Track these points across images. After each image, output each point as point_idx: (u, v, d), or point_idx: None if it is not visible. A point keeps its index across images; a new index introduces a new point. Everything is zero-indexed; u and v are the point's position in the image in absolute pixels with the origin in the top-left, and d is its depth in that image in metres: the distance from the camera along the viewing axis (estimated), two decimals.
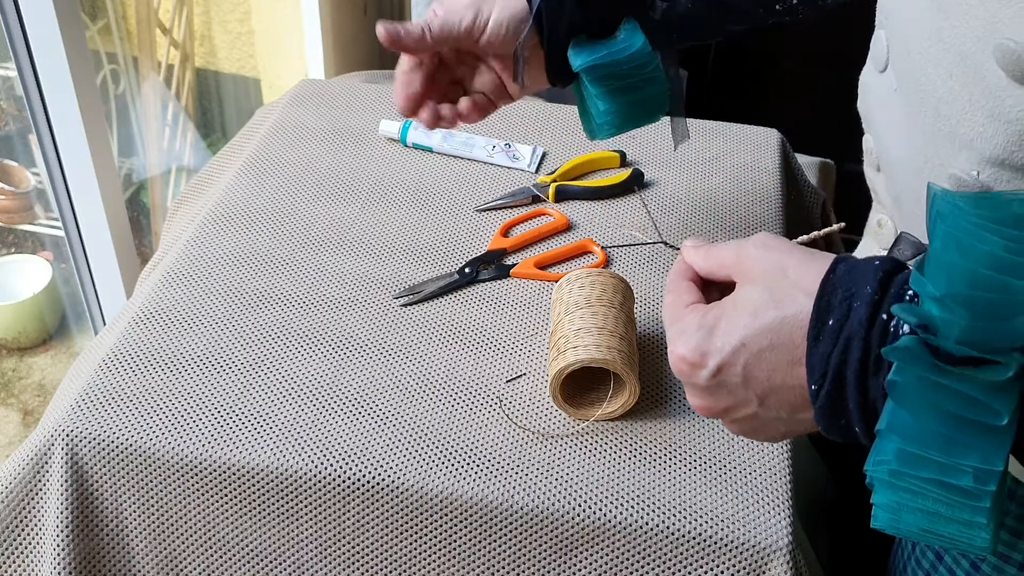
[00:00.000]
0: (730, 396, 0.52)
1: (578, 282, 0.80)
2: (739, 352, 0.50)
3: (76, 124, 1.24)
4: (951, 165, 0.59)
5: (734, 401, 0.52)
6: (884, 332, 0.46)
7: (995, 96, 0.54)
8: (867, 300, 0.46)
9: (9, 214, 1.83)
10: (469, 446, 0.75)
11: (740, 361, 0.50)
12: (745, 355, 0.50)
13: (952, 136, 0.58)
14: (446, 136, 1.06)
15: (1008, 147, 0.55)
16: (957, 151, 0.58)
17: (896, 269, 0.48)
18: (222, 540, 0.76)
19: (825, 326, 0.47)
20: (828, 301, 0.47)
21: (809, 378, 0.48)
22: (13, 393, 1.85)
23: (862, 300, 0.46)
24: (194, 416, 0.77)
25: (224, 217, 0.96)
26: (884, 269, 0.47)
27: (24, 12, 1.16)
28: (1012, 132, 0.54)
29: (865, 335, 0.46)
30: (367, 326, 0.85)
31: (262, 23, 1.97)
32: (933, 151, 0.60)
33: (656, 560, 0.71)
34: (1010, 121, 0.54)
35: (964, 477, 0.44)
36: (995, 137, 0.55)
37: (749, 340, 0.50)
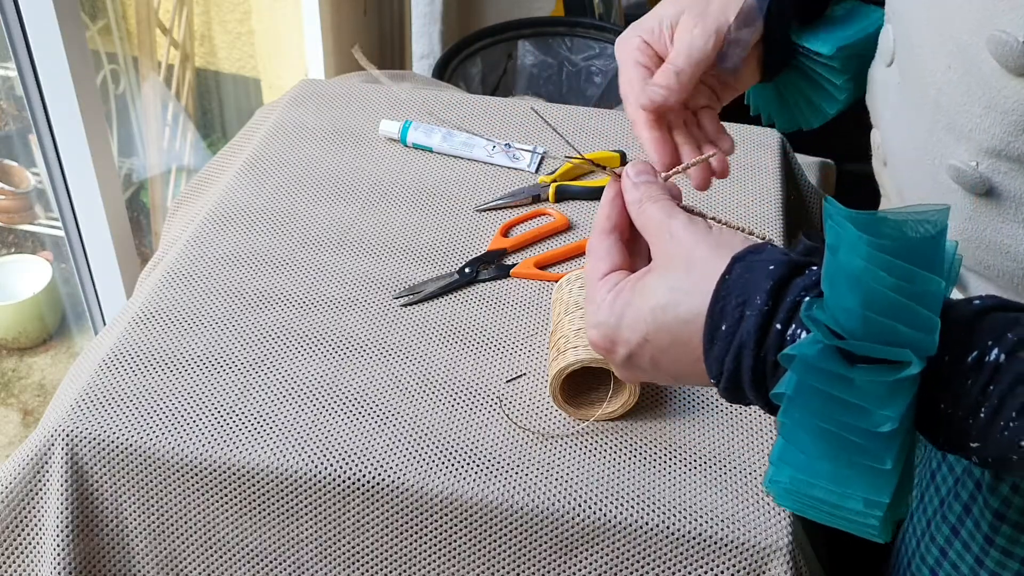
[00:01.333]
0: (643, 373, 0.54)
1: (578, 282, 0.80)
2: (643, 346, 0.51)
3: (76, 124, 1.24)
4: (951, 156, 0.59)
5: (650, 376, 0.54)
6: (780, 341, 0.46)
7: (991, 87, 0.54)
8: (756, 312, 0.47)
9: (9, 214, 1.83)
10: (469, 446, 0.75)
11: (646, 353, 0.52)
12: (650, 349, 0.51)
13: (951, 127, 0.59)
14: (446, 136, 1.06)
15: (1005, 138, 0.55)
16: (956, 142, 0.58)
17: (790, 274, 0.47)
18: (222, 540, 0.76)
19: (718, 331, 0.48)
20: (722, 307, 0.48)
21: (708, 372, 0.49)
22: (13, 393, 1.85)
23: (753, 310, 0.47)
24: (194, 416, 0.77)
25: (224, 217, 0.96)
26: (776, 276, 0.47)
27: (24, 12, 1.16)
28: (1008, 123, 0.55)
29: (756, 346, 0.47)
30: (367, 326, 0.85)
31: (262, 23, 1.97)
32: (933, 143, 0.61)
33: (656, 560, 0.71)
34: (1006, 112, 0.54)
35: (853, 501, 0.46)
36: (992, 128, 0.56)
37: (652, 336, 0.51)
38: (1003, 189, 0.57)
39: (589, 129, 1.11)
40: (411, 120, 1.08)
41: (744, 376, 0.47)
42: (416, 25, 1.97)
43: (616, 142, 1.08)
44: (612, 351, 0.53)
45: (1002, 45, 0.52)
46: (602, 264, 0.56)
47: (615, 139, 1.09)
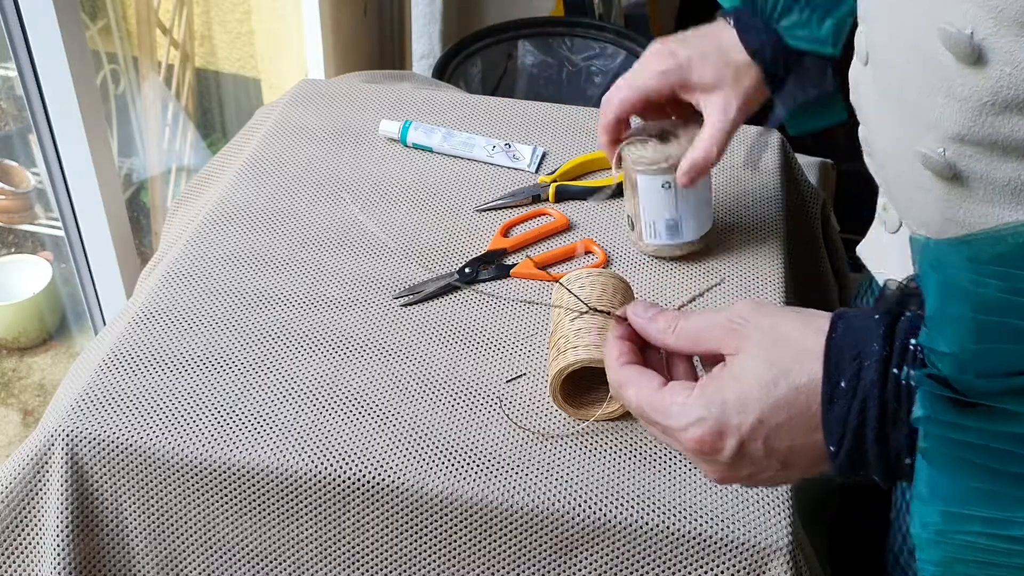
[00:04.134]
0: (752, 465, 0.51)
1: (578, 282, 0.80)
2: (758, 428, 0.49)
3: (76, 124, 1.24)
4: (919, 144, 0.61)
5: (755, 469, 0.52)
6: (898, 387, 0.46)
7: (947, 77, 0.57)
8: (876, 358, 0.46)
9: (9, 214, 1.82)
10: (469, 446, 0.75)
11: (760, 436, 0.50)
12: (764, 430, 0.49)
13: (917, 118, 0.61)
14: (446, 136, 1.06)
15: (966, 123, 0.57)
16: (923, 131, 0.60)
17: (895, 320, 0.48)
18: (222, 540, 0.76)
19: (837, 388, 0.47)
20: (837, 363, 0.47)
21: (827, 440, 0.48)
22: (13, 393, 1.85)
23: (871, 358, 0.46)
24: (194, 416, 0.77)
25: (224, 217, 0.96)
26: (885, 323, 0.47)
27: (24, 12, 1.16)
28: (967, 109, 0.56)
29: (880, 394, 0.46)
30: (367, 326, 0.85)
31: (262, 23, 1.97)
32: (903, 133, 0.63)
33: (656, 560, 0.71)
34: (963, 99, 0.56)
35: (1015, 527, 0.44)
36: (953, 115, 0.57)
37: (766, 415, 0.49)
38: (970, 172, 0.59)
39: (589, 129, 1.11)
40: (411, 120, 1.08)
41: (868, 431, 0.46)
42: (416, 25, 1.97)
43: None
44: (719, 446, 0.51)
45: (952, 38, 0.54)
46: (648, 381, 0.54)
47: None
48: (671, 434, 0.52)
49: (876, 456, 0.47)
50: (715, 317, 0.53)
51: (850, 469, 0.48)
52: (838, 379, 0.47)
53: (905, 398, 0.46)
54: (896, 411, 0.46)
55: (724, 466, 0.52)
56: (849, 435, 0.47)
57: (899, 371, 0.46)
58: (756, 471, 0.52)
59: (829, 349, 0.48)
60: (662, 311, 0.56)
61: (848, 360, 0.47)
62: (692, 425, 0.51)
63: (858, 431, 0.47)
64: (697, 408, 0.51)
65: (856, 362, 0.47)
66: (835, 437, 0.47)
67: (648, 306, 0.56)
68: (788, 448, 0.50)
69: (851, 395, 0.47)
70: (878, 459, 0.47)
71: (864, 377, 0.46)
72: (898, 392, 0.46)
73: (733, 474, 0.52)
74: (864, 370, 0.47)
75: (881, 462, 0.47)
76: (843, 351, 0.47)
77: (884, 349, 0.46)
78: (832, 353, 0.48)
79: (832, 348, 0.48)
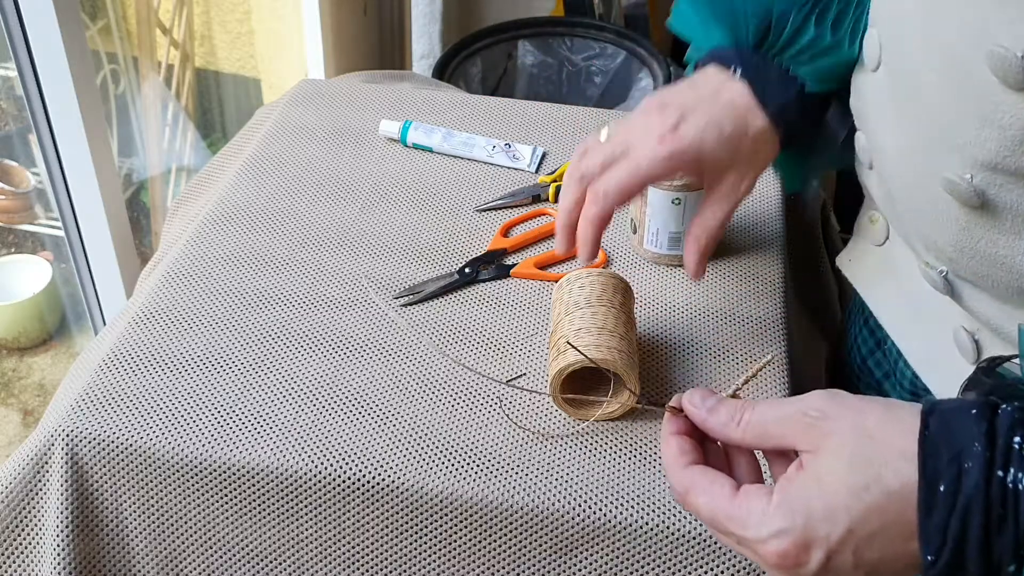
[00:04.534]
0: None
1: (578, 282, 0.80)
2: (847, 539, 0.46)
3: (76, 124, 1.24)
4: (944, 168, 0.58)
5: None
6: (1003, 490, 0.43)
7: (988, 101, 0.53)
8: (979, 460, 0.43)
9: (9, 214, 1.83)
10: (469, 446, 0.75)
11: (850, 547, 0.46)
12: (854, 541, 0.46)
13: (944, 139, 0.57)
14: (446, 136, 1.06)
15: (1001, 152, 0.54)
16: (949, 154, 0.57)
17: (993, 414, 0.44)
18: (222, 540, 0.76)
19: (936, 495, 0.44)
20: (934, 466, 0.44)
21: (924, 550, 0.44)
22: (13, 393, 1.85)
23: (973, 461, 0.43)
24: (194, 416, 0.77)
25: (224, 217, 0.96)
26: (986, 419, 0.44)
27: (24, 12, 1.16)
28: (1005, 138, 0.53)
29: (985, 499, 0.43)
30: (367, 326, 0.85)
31: (262, 23, 1.97)
32: (925, 153, 0.60)
33: (656, 560, 0.71)
34: (1004, 127, 0.53)
35: None
36: (988, 142, 0.54)
37: (856, 525, 0.45)
38: (998, 202, 0.56)
39: (589, 129, 1.11)
40: (411, 120, 1.08)
41: (971, 540, 0.43)
42: (416, 25, 1.97)
43: None
44: (803, 559, 0.46)
45: (1001, 60, 0.51)
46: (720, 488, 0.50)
47: None
48: (748, 545, 0.49)
49: (977, 566, 0.44)
50: (787, 409, 0.49)
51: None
52: (936, 484, 0.43)
53: (1012, 502, 0.43)
54: (1001, 517, 0.43)
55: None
56: (950, 544, 0.44)
57: (1004, 473, 0.43)
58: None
59: (924, 449, 0.44)
60: (723, 400, 0.52)
61: (946, 463, 0.43)
62: (775, 537, 0.47)
63: (960, 539, 0.43)
64: (778, 518, 0.47)
65: (955, 464, 0.43)
66: (934, 547, 0.44)
67: (706, 394, 0.52)
68: (879, 559, 0.46)
69: (951, 502, 0.43)
70: (979, 568, 0.44)
71: (965, 482, 0.43)
72: (1004, 496, 0.43)
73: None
74: (965, 474, 0.43)
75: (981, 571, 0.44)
76: (940, 452, 0.44)
77: (987, 450, 0.43)
78: (928, 454, 0.44)
79: (928, 448, 0.44)
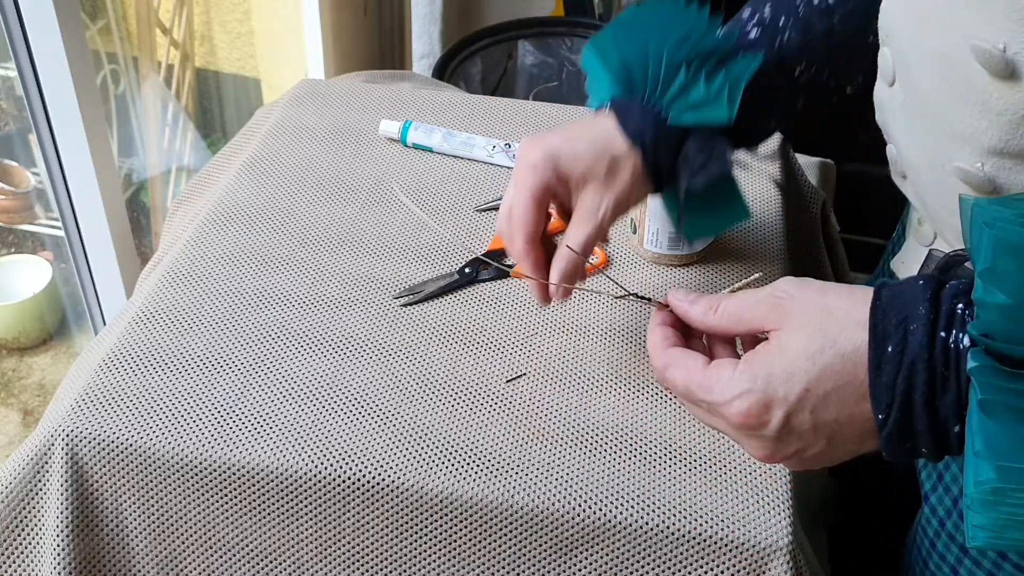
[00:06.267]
0: (799, 440, 0.51)
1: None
2: (805, 398, 0.49)
3: (76, 124, 1.24)
4: (956, 159, 0.61)
5: (802, 444, 0.51)
6: (945, 350, 0.45)
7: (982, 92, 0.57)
8: (923, 321, 0.46)
9: (9, 214, 1.83)
10: (469, 446, 0.75)
11: (808, 407, 0.49)
12: (812, 400, 0.49)
13: (953, 134, 0.60)
14: (446, 136, 1.06)
15: (1003, 137, 0.57)
16: (960, 147, 0.60)
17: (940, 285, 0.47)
18: (222, 540, 0.76)
19: (884, 354, 0.47)
20: (883, 329, 0.47)
21: (875, 409, 0.47)
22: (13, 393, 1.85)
23: (918, 322, 0.46)
24: (194, 416, 0.77)
25: (224, 217, 0.96)
26: (931, 288, 0.47)
27: (24, 12, 1.16)
28: (1003, 123, 0.57)
29: (928, 358, 0.45)
30: (367, 326, 0.85)
31: (262, 23, 1.97)
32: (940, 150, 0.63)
33: (656, 560, 0.71)
34: (999, 113, 0.56)
35: None
36: (989, 130, 0.58)
37: (813, 384, 0.49)
38: (1009, 185, 0.59)
39: None
40: (411, 120, 1.08)
41: (916, 396, 0.46)
42: (416, 25, 1.97)
43: None
44: (765, 418, 0.50)
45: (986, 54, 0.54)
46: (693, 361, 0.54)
47: None
48: (716, 410, 0.52)
49: (925, 425, 0.46)
50: (758, 294, 0.53)
51: (898, 441, 0.47)
52: (885, 345, 0.47)
53: (954, 362, 0.45)
54: (944, 376, 0.45)
55: (770, 441, 0.51)
56: (897, 401, 0.46)
57: (946, 335, 0.45)
58: (803, 447, 0.51)
59: (874, 315, 0.47)
60: (703, 295, 0.56)
61: (894, 325, 0.47)
62: (737, 398, 0.51)
63: (906, 396, 0.46)
64: (743, 381, 0.51)
65: (902, 327, 0.46)
66: (883, 404, 0.47)
67: (689, 291, 0.57)
68: (835, 420, 0.49)
69: (898, 360, 0.46)
70: (927, 428, 0.46)
71: (911, 341, 0.46)
72: (946, 356, 0.45)
73: (780, 451, 0.52)
74: (911, 334, 0.46)
75: (930, 431, 0.46)
76: (888, 317, 0.47)
77: (931, 313, 0.46)
78: (878, 319, 0.47)
79: (877, 314, 0.47)
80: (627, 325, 0.85)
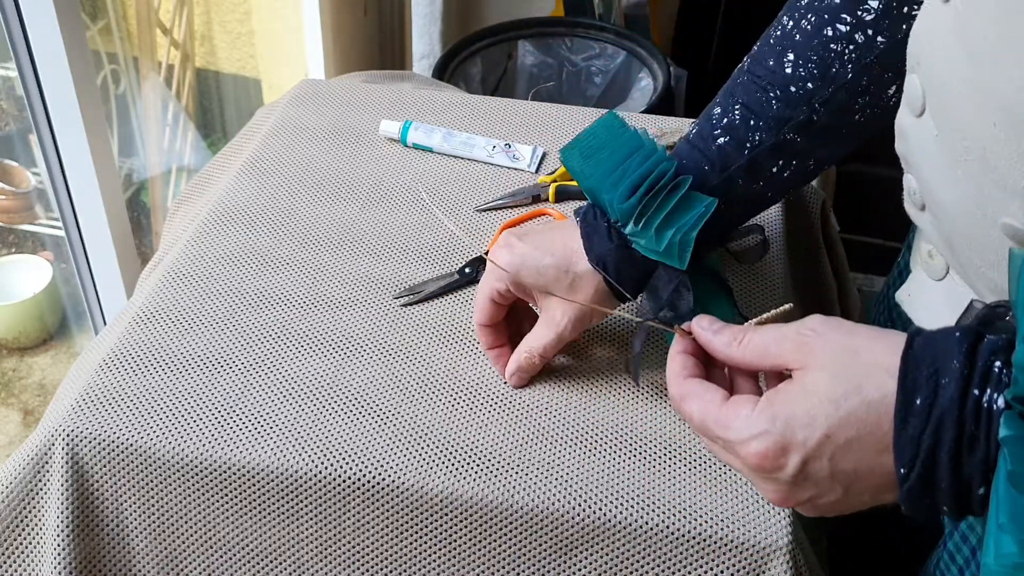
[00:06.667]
0: (815, 487, 0.49)
1: None
2: (824, 444, 0.47)
3: (76, 124, 1.24)
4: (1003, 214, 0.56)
5: (818, 491, 0.49)
6: (977, 409, 0.43)
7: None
8: (956, 376, 0.44)
9: (9, 214, 1.83)
10: (469, 446, 0.75)
11: (826, 454, 0.47)
12: (831, 447, 0.47)
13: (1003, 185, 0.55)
14: (446, 136, 1.06)
15: None
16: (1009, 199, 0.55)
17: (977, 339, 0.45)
18: (222, 540, 0.76)
19: (912, 406, 0.45)
20: (913, 379, 0.45)
21: (898, 462, 0.45)
22: (13, 393, 1.85)
23: (950, 376, 0.44)
24: (194, 416, 0.77)
25: (224, 217, 0.96)
26: (968, 341, 0.45)
27: (24, 12, 1.16)
28: None
29: (958, 414, 0.43)
30: (367, 326, 0.85)
31: (262, 23, 1.97)
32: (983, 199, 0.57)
33: (656, 560, 0.71)
34: None
35: None
36: None
37: (834, 431, 0.47)
38: None
39: None
40: (411, 120, 1.08)
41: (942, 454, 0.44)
42: (416, 25, 1.97)
43: None
44: (781, 462, 0.48)
45: None
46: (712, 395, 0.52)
47: None
48: (732, 449, 0.51)
49: (949, 483, 0.44)
50: (784, 330, 0.51)
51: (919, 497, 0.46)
52: (913, 397, 0.45)
53: (984, 422, 0.43)
54: (973, 435, 0.43)
55: (785, 485, 0.50)
56: (922, 456, 0.44)
57: (980, 393, 0.43)
58: (817, 494, 0.50)
59: (905, 364, 0.45)
60: (728, 325, 0.54)
61: (925, 377, 0.45)
62: (755, 438, 0.49)
63: (931, 452, 0.44)
64: (761, 421, 0.49)
65: (933, 380, 0.44)
66: (906, 458, 0.45)
67: (714, 320, 0.55)
68: (854, 470, 0.47)
69: (926, 414, 0.44)
70: (950, 486, 0.44)
71: (941, 396, 0.44)
72: (977, 415, 0.43)
73: (794, 496, 0.50)
74: (942, 388, 0.44)
75: (953, 490, 0.44)
76: (920, 368, 0.45)
77: (965, 368, 0.44)
78: (908, 369, 0.45)
79: (908, 364, 0.45)
80: (627, 326, 0.85)
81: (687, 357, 0.55)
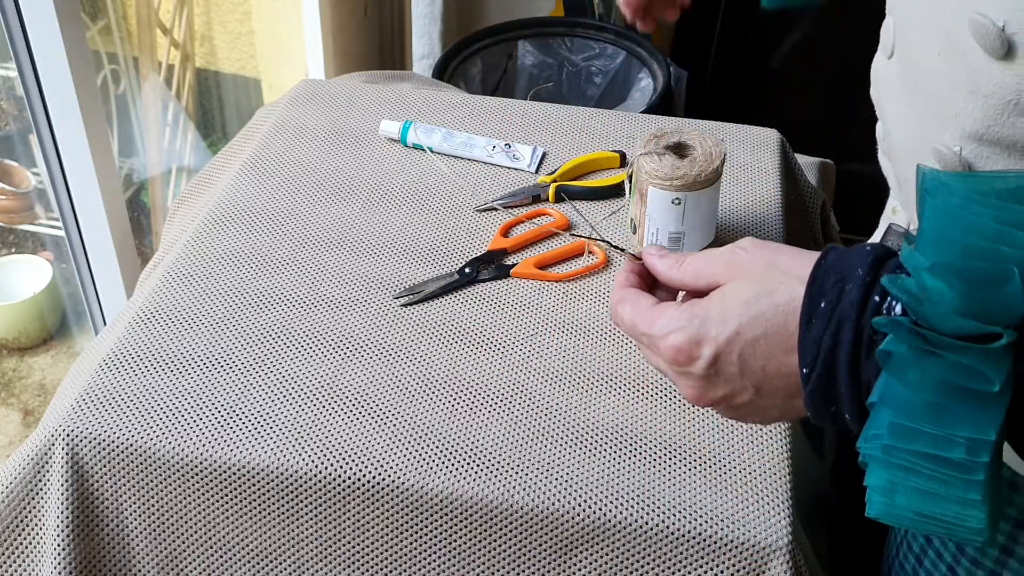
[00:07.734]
0: (727, 384, 0.52)
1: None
2: (734, 340, 0.50)
3: (76, 124, 1.24)
4: (935, 141, 0.60)
5: (730, 389, 0.52)
6: (876, 314, 0.46)
7: (974, 71, 0.56)
8: (859, 282, 0.46)
9: (9, 214, 1.83)
10: (469, 446, 0.75)
11: (736, 349, 0.50)
12: (740, 343, 0.50)
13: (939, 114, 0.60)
14: (446, 136, 1.06)
15: (986, 121, 0.56)
16: (942, 128, 0.59)
17: (887, 255, 0.48)
18: (222, 540, 0.76)
19: (817, 309, 0.47)
20: (820, 286, 0.48)
21: (801, 361, 0.48)
22: (13, 393, 1.85)
23: (854, 283, 0.46)
24: (194, 416, 0.77)
25: (224, 217, 0.96)
26: (875, 254, 0.47)
27: (24, 12, 1.16)
28: (989, 106, 0.56)
29: (857, 317, 0.46)
30: (367, 326, 0.85)
31: (262, 23, 1.97)
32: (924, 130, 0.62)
33: (656, 560, 0.71)
34: (987, 95, 0.55)
35: (956, 449, 0.43)
36: (974, 112, 0.57)
37: (744, 328, 0.50)
38: None
39: (589, 129, 1.11)
40: (411, 120, 1.08)
41: (841, 355, 0.46)
42: (416, 25, 1.97)
43: (616, 142, 1.08)
44: (695, 354, 0.52)
45: (982, 28, 0.53)
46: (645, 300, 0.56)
47: (615, 140, 1.09)
48: (653, 345, 0.54)
49: (847, 386, 0.46)
50: (718, 251, 0.54)
51: (822, 403, 0.48)
52: (819, 300, 0.47)
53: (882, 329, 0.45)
54: (872, 340, 0.45)
55: (699, 380, 0.53)
56: (822, 357, 0.47)
57: (880, 300, 0.45)
58: (730, 392, 0.52)
59: (816, 272, 0.48)
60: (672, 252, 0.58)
61: (832, 283, 0.47)
62: (672, 333, 0.53)
63: (831, 353, 0.46)
64: (680, 318, 0.53)
65: (839, 286, 0.47)
66: (808, 358, 0.47)
67: (661, 247, 0.59)
68: (762, 368, 0.50)
69: (829, 317, 0.46)
70: (848, 390, 0.46)
71: (844, 300, 0.46)
72: None
73: (708, 392, 0.53)
74: (845, 294, 0.46)
75: (851, 395, 0.46)
76: (828, 275, 0.48)
77: (868, 275, 0.46)
78: (818, 276, 0.48)
79: (819, 272, 0.48)
80: None
81: (632, 275, 0.60)
